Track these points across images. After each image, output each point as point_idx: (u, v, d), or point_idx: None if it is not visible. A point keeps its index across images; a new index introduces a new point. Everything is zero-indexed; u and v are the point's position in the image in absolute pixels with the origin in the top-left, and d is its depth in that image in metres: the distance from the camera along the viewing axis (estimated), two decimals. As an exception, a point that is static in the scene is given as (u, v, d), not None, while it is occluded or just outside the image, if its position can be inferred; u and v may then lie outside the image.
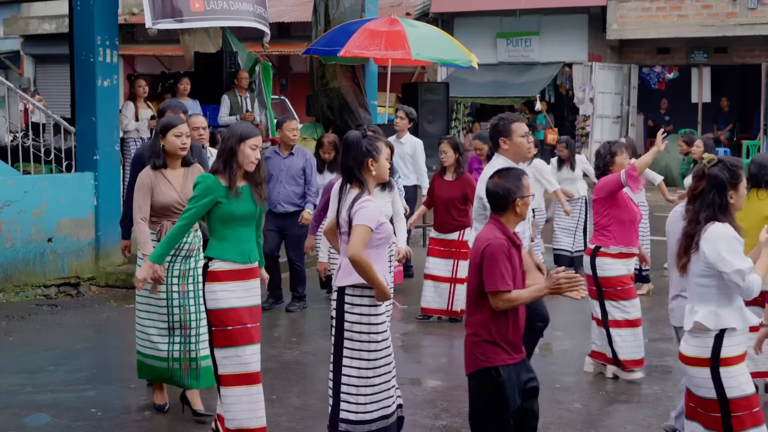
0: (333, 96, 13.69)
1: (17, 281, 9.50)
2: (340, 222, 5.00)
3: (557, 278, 4.35)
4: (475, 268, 4.50)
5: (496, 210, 4.59)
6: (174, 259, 5.85)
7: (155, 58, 25.94)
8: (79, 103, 10.29)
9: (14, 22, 26.94)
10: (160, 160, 5.89)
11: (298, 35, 22.73)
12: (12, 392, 6.55)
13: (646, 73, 22.44)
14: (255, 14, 10.66)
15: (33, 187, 9.60)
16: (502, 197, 4.54)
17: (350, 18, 13.19)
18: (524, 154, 6.03)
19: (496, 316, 4.45)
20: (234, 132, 5.19)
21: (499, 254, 4.41)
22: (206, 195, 5.10)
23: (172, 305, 5.88)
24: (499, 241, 4.45)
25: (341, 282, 4.97)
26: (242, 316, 5.15)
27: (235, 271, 5.15)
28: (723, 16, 20.32)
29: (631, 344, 6.90)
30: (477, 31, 22.70)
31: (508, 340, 4.48)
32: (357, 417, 4.90)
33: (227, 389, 5.18)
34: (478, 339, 4.48)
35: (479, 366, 4.48)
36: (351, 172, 5.00)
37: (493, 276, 4.39)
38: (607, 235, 6.87)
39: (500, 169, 4.69)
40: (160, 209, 5.91)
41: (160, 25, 9.66)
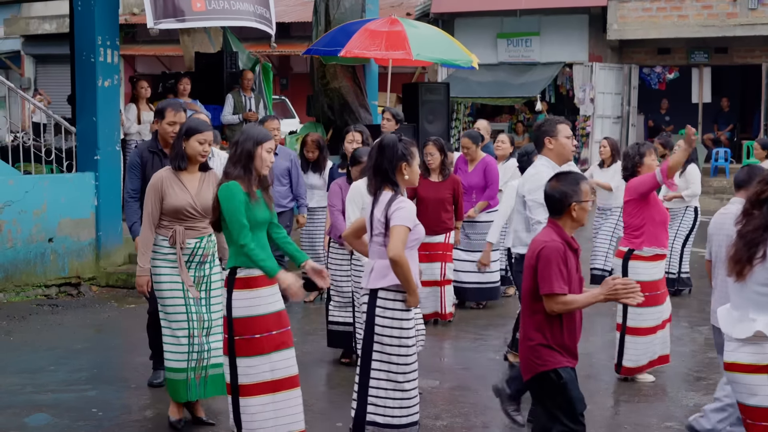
0: (333, 96, 13.67)
1: (18, 281, 9.51)
2: (374, 224, 4.98)
3: (614, 284, 4.31)
4: (530, 270, 4.44)
5: (552, 213, 4.55)
6: (189, 266, 5.70)
7: (156, 59, 25.94)
8: (79, 103, 10.29)
9: (15, 22, 26.94)
10: (184, 162, 5.66)
11: (298, 35, 22.73)
12: (13, 392, 6.56)
13: (647, 73, 22.44)
14: (256, 14, 10.66)
15: (34, 187, 9.61)
16: (558, 200, 4.49)
17: (351, 18, 13.18)
18: (568, 155, 6.00)
19: (551, 320, 4.39)
20: (250, 135, 5.08)
21: (554, 256, 4.36)
22: (240, 203, 4.97)
23: (190, 311, 5.70)
24: (555, 244, 4.40)
25: (375, 284, 4.95)
26: (269, 322, 5.07)
27: (261, 277, 5.05)
28: (723, 16, 20.32)
29: (640, 352, 6.87)
30: (477, 32, 22.69)
31: (563, 345, 4.41)
32: (385, 420, 4.93)
33: (249, 399, 5.04)
34: (532, 343, 4.42)
35: (537, 370, 4.41)
36: (385, 174, 5.00)
37: (549, 278, 4.33)
38: (640, 237, 6.79)
39: (559, 173, 4.65)
40: (172, 212, 5.65)
41: (162, 25, 9.65)
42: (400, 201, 4.95)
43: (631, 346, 6.84)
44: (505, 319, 8.80)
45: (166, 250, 5.67)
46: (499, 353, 7.68)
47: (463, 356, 7.82)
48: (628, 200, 6.90)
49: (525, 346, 4.48)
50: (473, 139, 8.98)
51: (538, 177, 5.68)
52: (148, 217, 5.66)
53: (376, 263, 4.98)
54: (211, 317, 5.74)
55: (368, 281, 5.02)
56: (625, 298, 4.31)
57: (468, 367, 7.46)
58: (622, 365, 6.89)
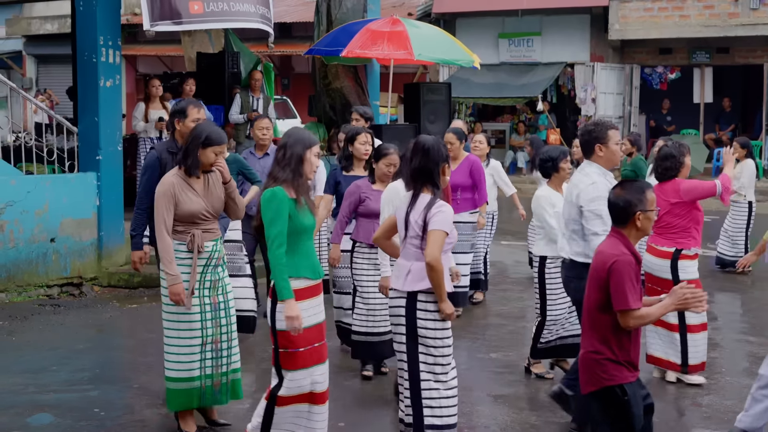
0: (335, 96, 13.68)
1: (20, 281, 9.51)
2: (411, 226, 4.94)
3: (683, 294, 4.28)
4: (598, 283, 4.35)
5: (615, 222, 4.48)
6: (205, 270, 5.59)
7: (157, 59, 25.98)
8: (81, 104, 10.29)
9: (16, 23, 26.97)
10: (197, 170, 5.56)
11: (300, 35, 22.75)
12: (15, 392, 6.56)
13: (648, 73, 22.44)
14: (258, 14, 10.64)
15: (36, 188, 9.61)
16: (623, 209, 4.41)
17: (352, 18, 13.19)
18: (617, 161, 5.90)
19: (618, 334, 4.33)
20: (299, 138, 4.97)
21: (627, 271, 4.28)
22: (284, 211, 4.87)
23: (205, 318, 5.58)
24: (627, 258, 4.31)
25: (413, 287, 4.92)
26: (312, 335, 4.99)
27: (308, 288, 4.98)
28: (725, 16, 20.32)
29: (700, 348, 6.90)
30: (479, 32, 22.71)
31: (629, 359, 4.36)
32: (442, 422, 4.95)
33: (285, 408, 4.98)
34: (599, 357, 4.34)
35: (602, 384, 4.34)
36: (429, 175, 4.97)
37: (624, 294, 4.25)
38: (687, 237, 6.81)
39: (623, 180, 4.60)
40: (187, 217, 5.53)
41: (158, 27, 9.65)
42: (440, 205, 4.94)
43: (693, 344, 6.88)
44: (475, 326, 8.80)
45: (183, 255, 5.53)
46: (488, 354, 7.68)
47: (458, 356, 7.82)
48: (677, 202, 6.82)
49: (590, 359, 4.38)
50: (458, 135, 8.82)
51: (595, 187, 5.57)
52: (162, 224, 5.46)
53: (413, 265, 4.94)
54: (229, 321, 5.66)
55: (404, 284, 4.95)
56: (693, 306, 4.30)
57: (470, 367, 7.46)
58: (689, 363, 6.89)
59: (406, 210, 5.02)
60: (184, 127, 6.09)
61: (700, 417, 6.29)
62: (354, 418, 6.11)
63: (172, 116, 6.25)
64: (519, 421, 6.13)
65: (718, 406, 6.48)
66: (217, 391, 5.67)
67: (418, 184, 5.02)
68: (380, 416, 6.22)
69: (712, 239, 13.79)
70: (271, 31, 11.05)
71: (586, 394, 4.43)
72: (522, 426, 6.04)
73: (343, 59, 12.68)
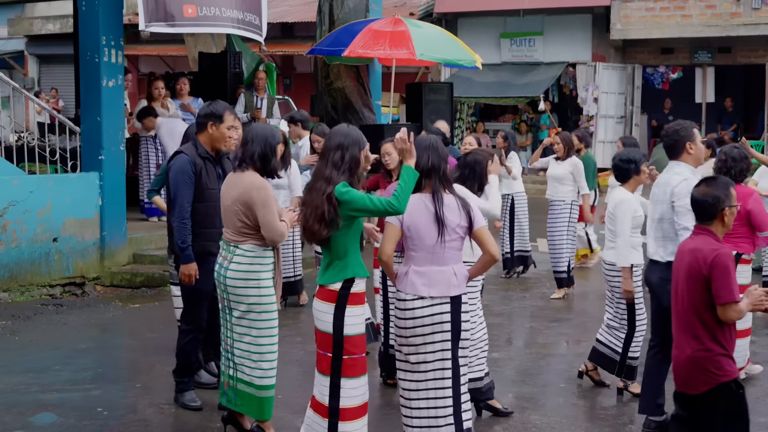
0: (337, 96, 13.70)
1: (22, 281, 9.53)
2: (450, 228, 4.83)
3: (758, 295, 4.29)
4: (699, 279, 4.33)
5: (702, 219, 4.48)
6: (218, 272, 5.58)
7: (159, 58, 25.99)
8: (84, 103, 10.31)
9: (18, 23, 26.99)
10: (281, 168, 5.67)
11: (301, 35, 22.75)
12: (18, 391, 6.57)
13: (650, 73, 22.43)
14: (243, 22, 10.67)
15: (38, 187, 9.63)
16: (711, 206, 4.43)
17: (354, 18, 13.20)
18: (701, 160, 5.92)
19: (723, 329, 4.32)
20: (354, 139, 4.85)
21: (730, 263, 4.28)
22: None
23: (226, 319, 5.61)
24: (726, 251, 4.32)
25: (459, 290, 4.86)
26: (364, 341, 4.91)
27: (363, 291, 4.91)
28: (727, 16, 20.31)
29: (741, 353, 6.82)
30: (480, 31, 22.71)
31: (731, 354, 4.37)
32: (468, 424, 4.95)
33: (349, 423, 4.81)
34: (712, 354, 4.32)
35: (717, 382, 4.32)
36: (440, 172, 4.90)
37: (729, 286, 4.25)
38: (747, 242, 6.77)
39: (707, 178, 4.60)
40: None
41: (153, 28, 9.72)
42: (467, 200, 4.97)
43: (738, 349, 6.82)
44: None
45: (268, 258, 5.47)
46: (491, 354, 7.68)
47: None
48: (751, 209, 6.73)
49: (701, 358, 4.35)
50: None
51: (688, 183, 5.54)
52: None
53: (456, 269, 4.87)
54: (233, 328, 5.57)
55: (449, 289, 4.84)
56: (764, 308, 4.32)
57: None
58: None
59: (435, 212, 4.85)
60: (218, 132, 5.97)
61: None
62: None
63: (207, 118, 5.99)
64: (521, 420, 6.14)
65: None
66: (225, 392, 5.63)
67: (437, 184, 4.91)
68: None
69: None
70: (259, 38, 11.08)
71: (700, 394, 4.37)
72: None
73: (345, 59, 12.70)
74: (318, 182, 4.80)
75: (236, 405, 5.57)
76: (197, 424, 5.98)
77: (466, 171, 6.09)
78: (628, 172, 6.61)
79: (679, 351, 4.45)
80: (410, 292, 4.87)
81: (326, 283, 4.82)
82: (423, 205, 4.87)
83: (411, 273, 4.89)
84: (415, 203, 4.85)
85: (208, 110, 6.05)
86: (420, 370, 4.89)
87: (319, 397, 4.86)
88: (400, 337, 4.95)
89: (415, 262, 4.89)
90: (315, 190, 4.79)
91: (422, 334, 4.85)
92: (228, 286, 5.43)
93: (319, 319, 4.84)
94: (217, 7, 10.24)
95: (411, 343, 4.89)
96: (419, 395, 4.91)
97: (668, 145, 5.83)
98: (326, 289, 4.82)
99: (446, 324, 4.83)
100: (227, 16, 10.42)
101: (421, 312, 4.83)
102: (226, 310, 5.55)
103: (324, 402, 4.83)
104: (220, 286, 5.53)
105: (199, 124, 6.05)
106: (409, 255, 4.94)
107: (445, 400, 4.88)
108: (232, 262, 5.42)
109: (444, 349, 4.85)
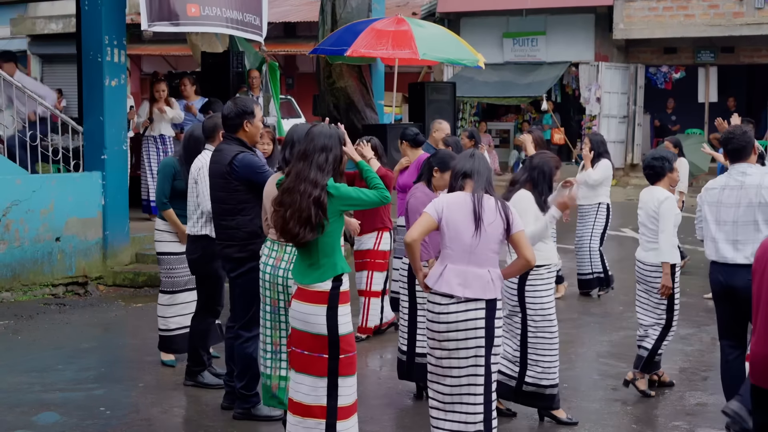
0: (340, 96, 13.69)
1: (25, 280, 9.53)
2: (488, 232, 4.80)
3: None
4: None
5: None
6: (264, 270, 5.56)
7: (162, 58, 26.00)
8: (86, 103, 10.31)
9: (21, 22, 26.99)
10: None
11: (304, 35, 22.76)
12: (21, 391, 6.57)
13: (653, 72, 22.41)
14: (242, 23, 10.67)
15: (41, 187, 9.63)
16: None
17: (357, 18, 13.20)
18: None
19: None
20: (336, 138, 4.90)
21: None
22: None
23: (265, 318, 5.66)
24: None
25: (494, 294, 4.81)
26: (354, 336, 4.92)
27: (348, 289, 4.90)
28: (730, 15, 20.28)
29: None
30: (483, 31, 22.70)
31: None
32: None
33: (346, 422, 4.81)
34: None
35: None
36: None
37: None
38: None
39: None
40: None
41: (156, 27, 9.71)
42: (506, 203, 4.95)
43: None
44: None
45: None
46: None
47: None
48: None
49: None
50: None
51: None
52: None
53: (492, 272, 4.83)
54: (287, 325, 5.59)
55: (485, 291, 4.80)
56: None
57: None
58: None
59: (474, 212, 4.83)
60: (254, 127, 5.91)
61: (705, 417, 6.29)
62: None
63: (240, 117, 5.87)
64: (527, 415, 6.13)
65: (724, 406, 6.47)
66: (274, 394, 5.64)
67: (478, 185, 4.89)
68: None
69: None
70: (259, 39, 11.09)
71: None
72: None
73: (348, 59, 12.70)
74: (301, 185, 4.73)
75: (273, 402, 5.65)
76: (200, 423, 5.98)
77: (535, 173, 5.95)
78: (663, 170, 6.56)
79: (762, 346, 4.36)
80: (445, 290, 4.81)
81: (313, 283, 4.75)
82: (462, 201, 4.86)
83: (447, 271, 4.84)
84: (455, 199, 4.87)
85: (237, 109, 5.88)
86: (452, 375, 4.83)
87: (311, 399, 4.78)
88: (433, 340, 4.89)
89: (451, 260, 4.84)
90: (297, 192, 4.72)
91: (456, 339, 4.79)
92: (289, 286, 5.32)
93: (308, 323, 4.75)
94: (218, 8, 10.25)
95: (444, 347, 4.84)
96: (453, 399, 4.85)
97: (737, 148, 5.81)
98: (313, 291, 4.74)
99: (480, 330, 4.79)
100: (226, 17, 10.43)
101: (455, 317, 4.78)
102: (281, 312, 5.50)
103: (320, 403, 4.77)
104: (276, 288, 5.45)
105: (234, 125, 5.89)
106: (445, 253, 4.89)
107: (475, 407, 4.81)
108: (292, 262, 5.28)
109: (477, 355, 4.79)
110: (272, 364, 5.61)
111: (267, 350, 5.64)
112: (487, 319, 4.78)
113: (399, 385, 6.73)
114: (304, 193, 4.69)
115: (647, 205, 6.60)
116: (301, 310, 4.78)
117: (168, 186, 6.90)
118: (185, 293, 7.11)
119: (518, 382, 6.02)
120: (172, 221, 6.96)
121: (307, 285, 4.76)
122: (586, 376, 7.22)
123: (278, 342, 5.55)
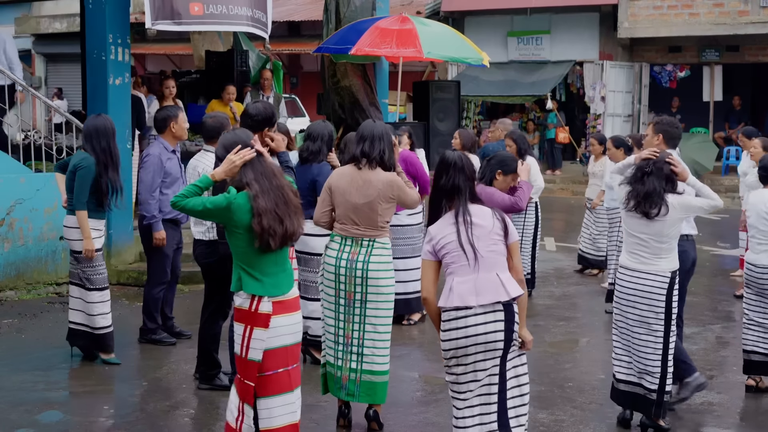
0: (344, 94, 13.67)
1: (29, 279, 9.53)
2: (487, 235, 4.65)
3: None
4: None
5: None
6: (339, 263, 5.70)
7: (166, 57, 26.02)
8: (90, 102, 10.31)
9: (25, 21, 27.03)
10: None
11: (308, 34, 22.76)
12: (25, 389, 6.57)
13: (658, 71, 22.39)
14: (253, 19, 10.65)
15: (45, 185, 9.62)
16: None
17: (361, 16, 13.17)
18: None
19: None
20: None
21: None
22: None
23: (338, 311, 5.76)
24: None
25: (511, 294, 4.59)
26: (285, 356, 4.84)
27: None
28: (735, 14, 20.25)
29: None
30: (488, 30, 22.69)
31: None
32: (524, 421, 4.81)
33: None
34: None
35: None
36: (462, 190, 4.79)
37: None
38: None
39: None
40: None
41: (159, 26, 9.69)
42: (498, 210, 4.84)
43: None
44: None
45: None
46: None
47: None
48: None
49: None
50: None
51: None
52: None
53: (501, 274, 4.63)
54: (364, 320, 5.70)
55: (498, 293, 4.58)
56: None
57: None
58: None
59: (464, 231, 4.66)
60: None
61: (712, 416, 6.27)
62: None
63: (264, 124, 5.93)
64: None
65: (730, 405, 6.45)
66: (343, 386, 5.71)
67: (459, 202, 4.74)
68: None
69: (722, 238, 13.75)
70: (266, 36, 11.07)
71: None
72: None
73: (352, 57, 12.67)
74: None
75: (359, 396, 5.70)
76: (203, 422, 5.97)
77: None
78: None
79: None
80: (457, 303, 4.56)
81: (292, 292, 4.76)
82: (450, 223, 4.68)
83: (455, 286, 4.60)
84: (443, 227, 4.68)
85: (265, 113, 6.01)
86: (470, 390, 4.65)
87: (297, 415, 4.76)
88: (451, 358, 4.63)
89: (457, 274, 4.62)
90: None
91: (474, 352, 4.56)
92: (370, 278, 5.59)
93: (297, 332, 4.74)
94: (225, 5, 10.22)
95: (462, 362, 4.60)
96: (473, 412, 4.66)
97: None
98: (296, 299, 4.77)
99: (500, 342, 4.57)
100: (236, 14, 10.39)
101: (475, 330, 4.54)
102: (356, 304, 5.63)
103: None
104: (353, 281, 5.61)
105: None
106: (450, 273, 4.67)
107: (490, 416, 4.66)
108: (372, 255, 5.63)
109: (495, 365, 4.61)
110: (343, 356, 5.71)
111: (339, 342, 5.72)
112: (507, 322, 4.56)
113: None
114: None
115: (757, 207, 6.55)
116: (290, 322, 4.69)
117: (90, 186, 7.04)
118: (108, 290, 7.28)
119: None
120: (82, 225, 7.13)
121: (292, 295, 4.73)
122: (591, 375, 7.19)
123: (350, 335, 5.68)
